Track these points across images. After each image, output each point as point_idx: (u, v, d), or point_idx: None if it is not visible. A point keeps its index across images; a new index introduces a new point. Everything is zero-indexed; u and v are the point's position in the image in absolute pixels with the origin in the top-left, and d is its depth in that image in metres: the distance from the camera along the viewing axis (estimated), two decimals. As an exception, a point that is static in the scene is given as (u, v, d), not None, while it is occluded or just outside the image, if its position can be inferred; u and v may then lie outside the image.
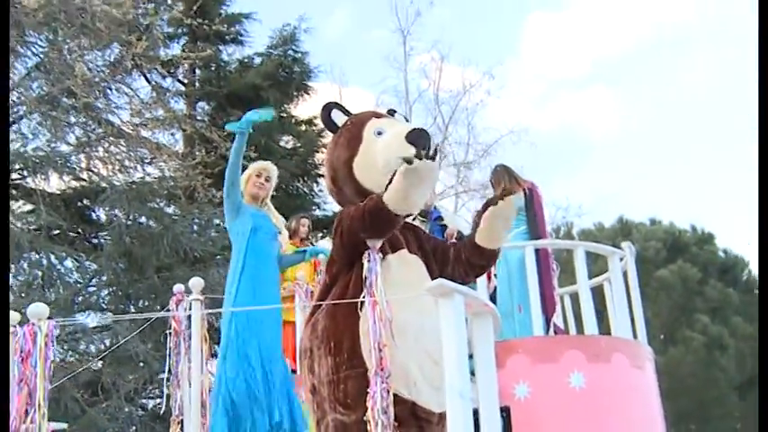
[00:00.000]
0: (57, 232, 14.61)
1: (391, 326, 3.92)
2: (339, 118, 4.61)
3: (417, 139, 4.18)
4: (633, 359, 6.48)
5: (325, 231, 16.37)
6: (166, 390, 4.65)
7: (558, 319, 7.13)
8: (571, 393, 6.09)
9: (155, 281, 13.47)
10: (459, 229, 7.99)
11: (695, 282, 23.73)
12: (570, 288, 7.83)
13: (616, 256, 6.94)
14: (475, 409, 3.67)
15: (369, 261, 4.05)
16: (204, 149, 15.45)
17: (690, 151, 44.72)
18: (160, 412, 4.73)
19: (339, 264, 4.29)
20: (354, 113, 4.68)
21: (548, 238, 7.38)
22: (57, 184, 15.02)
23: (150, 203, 14.79)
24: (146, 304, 13.71)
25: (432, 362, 3.93)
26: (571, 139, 40.72)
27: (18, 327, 3.63)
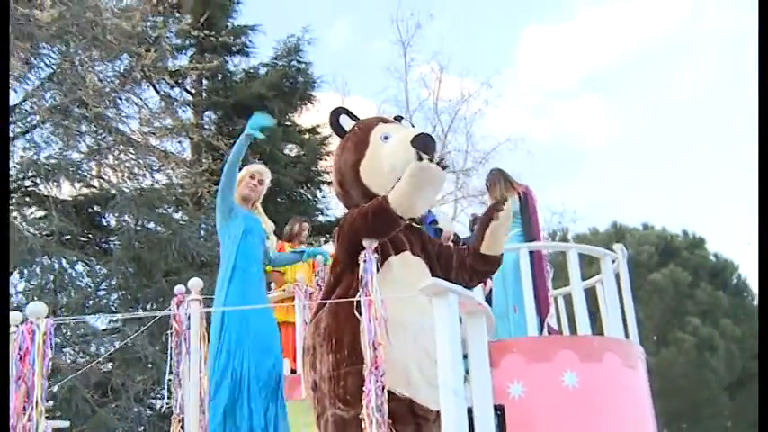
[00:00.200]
0: (68, 237, 14.58)
1: (386, 324, 3.88)
2: (347, 123, 4.59)
3: (422, 144, 4.20)
4: (625, 359, 6.42)
5: (327, 236, 16.34)
6: (167, 390, 4.57)
7: (552, 320, 7.08)
8: (564, 392, 6.04)
9: (163, 285, 13.44)
10: (454, 232, 7.94)
11: (686, 285, 23.70)
12: (564, 290, 7.78)
13: (608, 258, 6.89)
14: (470, 408, 3.63)
15: (365, 261, 4.00)
16: (211, 157, 15.43)
17: (681, 158, 44.72)
18: (168, 412, 4.64)
19: (342, 264, 4.27)
20: (362, 119, 4.66)
21: (542, 241, 7.33)
22: (68, 191, 15.05)
23: (158, 209, 14.82)
24: (154, 307, 13.67)
25: (430, 361, 3.88)
26: (566, 147, 40.72)
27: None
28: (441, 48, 39.78)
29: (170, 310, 4.70)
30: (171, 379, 4.60)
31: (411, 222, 4.35)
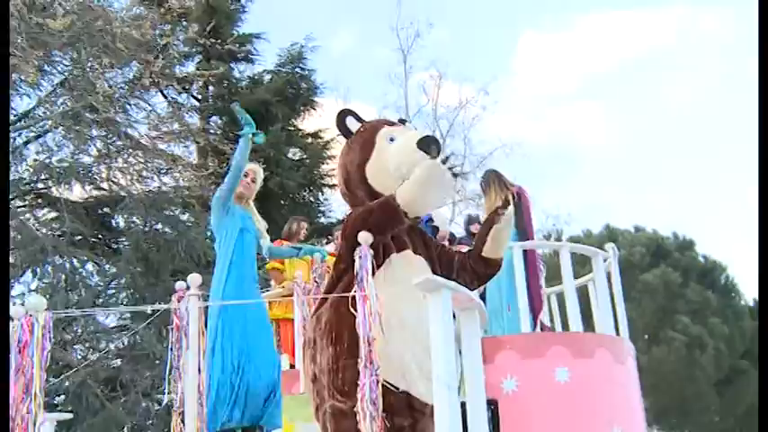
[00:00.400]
0: (79, 238, 14.63)
1: (381, 320, 3.85)
2: (352, 124, 4.55)
3: (428, 145, 4.18)
4: (616, 355, 6.37)
5: (329, 238, 16.30)
6: (167, 384, 4.52)
7: (545, 318, 7.04)
8: (556, 387, 5.99)
9: (170, 284, 13.33)
10: (450, 231, 7.90)
11: (677, 285, 23.67)
12: (556, 288, 7.72)
13: (599, 257, 6.84)
14: (463, 402, 3.58)
15: (360, 257, 3.96)
16: (217, 160, 15.44)
17: (672, 163, 44.79)
18: (175, 406, 4.58)
19: (346, 262, 4.21)
20: (367, 121, 4.63)
21: (535, 240, 7.28)
22: (79, 193, 15.08)
23: (166, 211, 14.88)
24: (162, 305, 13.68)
25: (428, 356, 3.83)
26: (561, 152, 40.75)
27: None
28: (439, 55, 39.76)
29: (169, 306, 4.63)
30: (171, 373, 4.54)
31: (412, 223, 4.31)
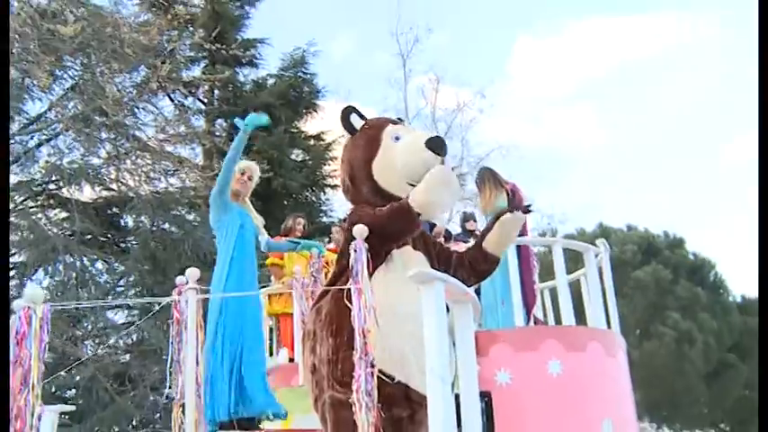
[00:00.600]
0: (89, 237, 14.64)
1: (375, 313, 3.82)
2: (356, 121, 4.51)
3: (437, 146, 4.17)
4: (607, 348, 6.30)
5: (331, 237, 16.26)
6: (168, 376, 4.47)
7: (539, 312, 6.98)
8: (549, 380, 5.93)
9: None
10: (446, 228, 7.84)
11: (667, 282, 23.61)
12: (549, 283, 7.65)
13: (591, 253, 6.77)
14: (457, 394, 3.53)
15: (355, 251, 3.92)
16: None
17: (663, 164, 44.75)
18: (176, 399, 4.52)
19: (349, 258, 4.13)
20: (370, 118, 4.59)
21: (528, 236, 7.21)
22: (89, 194, 15.13)
23: (173, 211, 14.89)
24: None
25: (424, 349, 3.78)
26: (555, 153, 40.72)
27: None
28: (438, 60, 39.65)
29: (168, 299, 4.58)
30: (172, 366, 4.48)
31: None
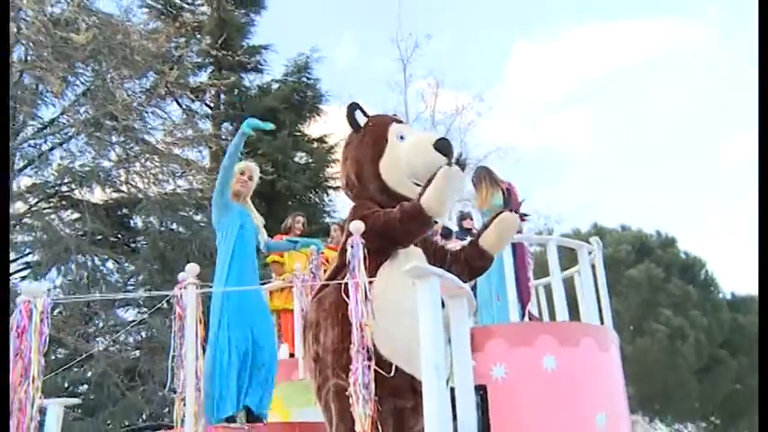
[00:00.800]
0: (100, 237, 14.66)
1: (372, 306, 3.79)
2: (360, 118, 4.48)
3: (444, 147, 4.16)
4: (600, 343, 6.25)
5: (333, 236, 16.23)
6: (169, 371, 4.41)
7: (533, 308, 6.92)
8: (544, 374, 5.89)
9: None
10: (444, 225, 7.77)
11: (660, 280, 23.52)
12: (544, 280, 7.58)
13: (584, 250, 6.72)
14: (453, 388, 3.51)
15: (351, 246, 3.85)
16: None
17: (656, 166, 44.65)
18: (177, 392, 4.46)
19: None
20: (373, 116, 4.55)
21: (523, 234, 7.14)
22: (100, 196, 15.16)
23: (181, 212, 14.89)
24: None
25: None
26: (551, 155, 40.62)
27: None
28: (437, 64, 39.49)
29: (168, 293, 4.54)
30: (174, 360, 4.42)
31: None
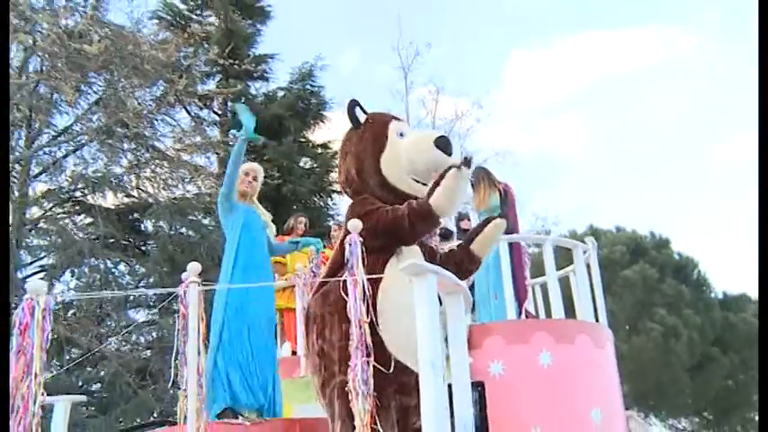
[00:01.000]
0: (112, 241, 14.69)
1: (370, 304, 3.73)
2: (359, 115, 4.43)
3: (445, 145, 4.13)
4: (595, 340, 6.17)
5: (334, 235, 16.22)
6: (173, 368, 4.36)
7: (530, 306, 6.85)
8: (540, 371, 5.81)
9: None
10: (444, 226, 7.71)
11: (654, 280, 23.43)
12: (540, 279, 7.51)
13: (579, 249, 6.64)
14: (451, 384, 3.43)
15: (350, 244, 3.78)
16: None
17: (649, 169, 44.59)
18: (181, 389, 4.42)
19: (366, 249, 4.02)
20: (372, 113, 4.50)
21: (520, 234, 7.07)
22: (112, 201, 15.15)
23: (190, 216, 14.86)
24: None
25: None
26: (548, 159, 40.55)
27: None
28: (437, 72, 39.45)
29: (171, 290, 4.49)
30: (178, 359, 4.37)
31: None
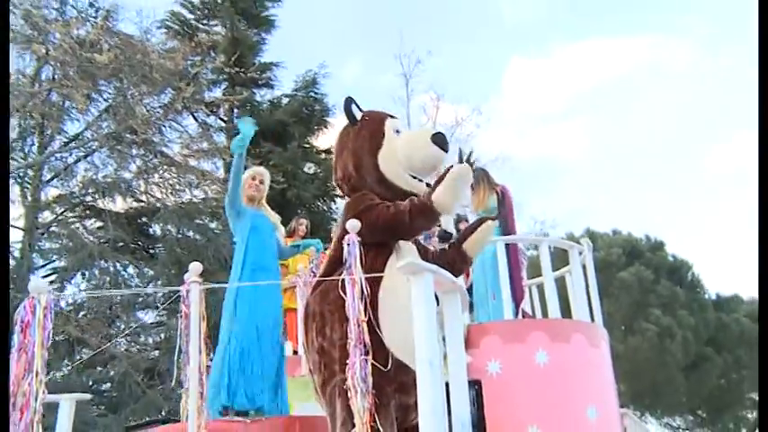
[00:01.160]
0: (121, 244, 14.74)
1: (368, 302, 3.66)
2: (356, 112, 4.39)
3: (442, 142, 4.11)
4: (590, 339, 6.11)
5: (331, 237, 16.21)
6: (175, 367, 4.33)
7: (527, 306, 6.79)
8: (536, 369, 5.74)
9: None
10: (444, 228, 7.64)
11: (649, 282, 23.33)
12: (537, 279, 7.46)
13: (575, 250, 6.57)
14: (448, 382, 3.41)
15: (348, 244, 3.72)
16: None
17: (645, 174, 44.45)
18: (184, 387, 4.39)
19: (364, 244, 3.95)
20: (367, 110, 4.45)
21: (517, 235, 7.00)
22: (121, 205, 15.24)
23: (197, 220, 14.91)
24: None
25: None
26: (546, 164, 40.43)
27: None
28: (438, 79, 39.27)
29: (174, 288, 4.46)
30: (181, 358, 4.34)
31: None
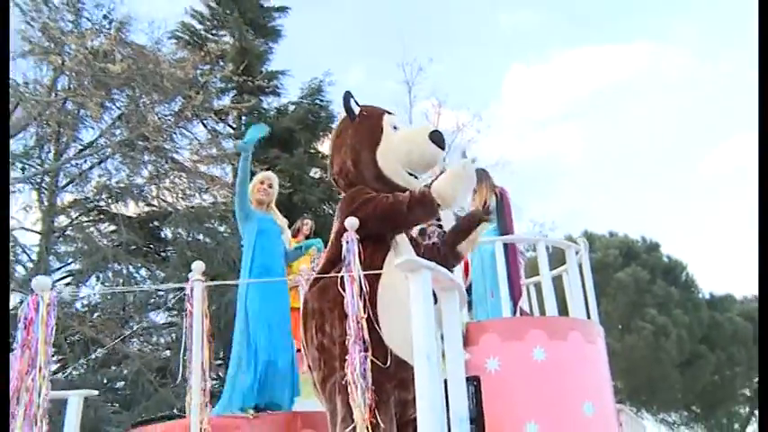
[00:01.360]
0: (134, 248, 14.75)
1: (367, 299, 3.57)
2: (354, 107, 4.29)
3: (440, 139, 4.01)
4: (587, 336, 6.04)
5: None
6: (181, 365, 4.29)
7: (525, 304, 6.73)
8: (534, 366, 5.67)
9: (210, 287, 13.42)
10: (441, 231, 7.60)
11: (645, 282, 23.26)
12: (534, 278, 7.40)
13: (572, 249, 6.51)
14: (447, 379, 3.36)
15: (347, 242, 3.65)
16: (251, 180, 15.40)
17: (641, 176, 44.39)
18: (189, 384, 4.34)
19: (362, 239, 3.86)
20: (365, 105, 4.34)
21: (515, 235, 6.94)
22: (134, 210, 15.27)
23: (206, 224, 14.94)
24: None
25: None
26: (545, 168, 40.34)
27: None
28: (439, 86, 39.29)
29: (179, 285, 4.43)
30: (186, 355, 4.30)
31: None
